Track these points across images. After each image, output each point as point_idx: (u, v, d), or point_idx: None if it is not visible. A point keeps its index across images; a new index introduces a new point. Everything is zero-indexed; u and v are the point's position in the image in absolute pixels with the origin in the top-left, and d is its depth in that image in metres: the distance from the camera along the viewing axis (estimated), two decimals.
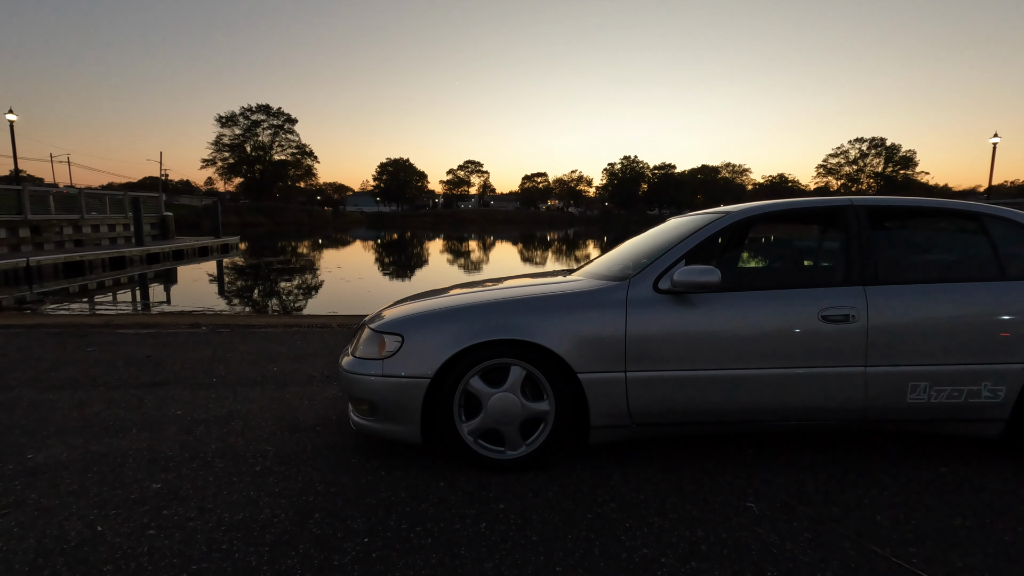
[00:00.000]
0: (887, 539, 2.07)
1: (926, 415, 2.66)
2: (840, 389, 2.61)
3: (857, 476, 2.61)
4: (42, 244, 17.98)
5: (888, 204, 2.90)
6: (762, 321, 2.60)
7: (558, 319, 2.60)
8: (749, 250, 3.30)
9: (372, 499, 2.36)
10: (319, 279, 17.02)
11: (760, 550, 2.00)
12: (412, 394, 2.57)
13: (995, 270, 2.73)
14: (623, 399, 2.60)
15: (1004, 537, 2.09)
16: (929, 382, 2.61)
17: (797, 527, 2.16)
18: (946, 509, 2.30)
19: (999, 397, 2.63)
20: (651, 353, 2.58)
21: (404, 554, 1.96)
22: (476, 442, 2.63)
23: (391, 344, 2.64)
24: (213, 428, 3.21)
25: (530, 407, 2.60)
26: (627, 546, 2.02)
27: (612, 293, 2.66)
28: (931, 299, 2.63)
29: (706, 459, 2.78)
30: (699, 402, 2.61)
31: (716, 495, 2.42)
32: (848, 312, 2.60)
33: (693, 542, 2.05)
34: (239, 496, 2.38)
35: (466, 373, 2.58)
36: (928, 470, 2.68)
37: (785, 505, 2.33)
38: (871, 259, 2.72)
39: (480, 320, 2.62)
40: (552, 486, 2.48)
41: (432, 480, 2.54)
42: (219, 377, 4.36)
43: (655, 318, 2.60)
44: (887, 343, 2.59)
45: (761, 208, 2.93)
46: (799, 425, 2.71)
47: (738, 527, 2.15)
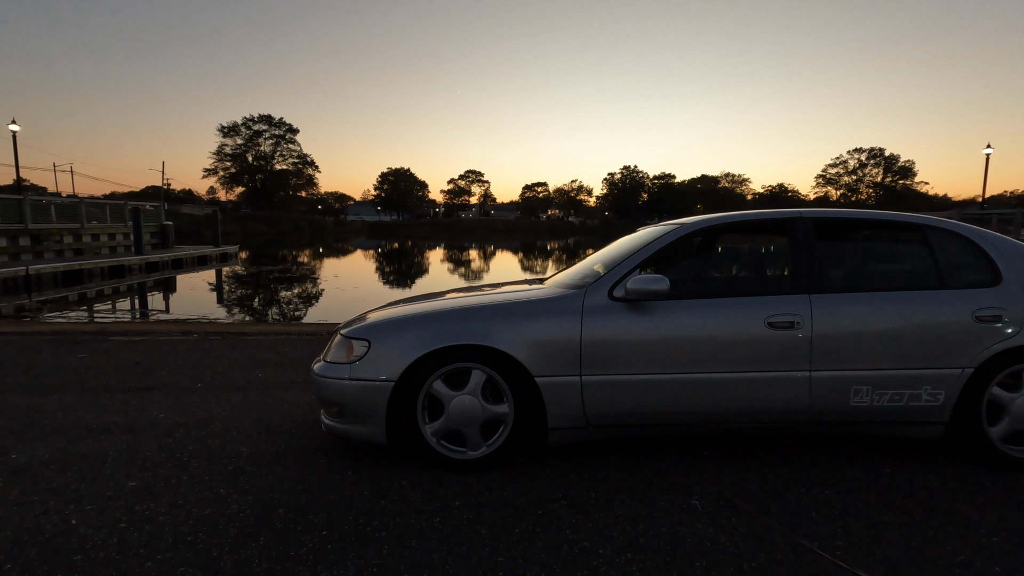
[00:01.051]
0: (817, 533, 2.19)
1: (869, 418, 2.78)
2: (786, 392, 2.73)
3: (803, 475, 2.73)
4: (42, 253, 18.18)
5: (836, 216, 3.03)
6: (711, 327, 2.73)
7: (517, 325, 2.73)
8: (702, 260, 3.44)
9: (335, 496, 2.48)
10: (315, 288, 17.18)
11: (695, 543, 2.12)
12: (377, 397, 2.70)
13: (935, 279, 2.86)
14: (579, 402, 2.72)
15: (928, 532, 2.21)
16: (871, 386, 2.73)
17: (735, 522, 2.27)
18: (880, 506, 2.42)
19: (939, 401, 2.75)
20: (605, 358, 2.71)
21: (358, 546, 2.08)
22: (439, 443, 2.75)
23: (359, 349, 2.77)
24: (192, 431, 3.33)
25: (490, 409, 2.72)
26: (569, 539, 2.14)
27: (569, 301, 2.80)
28: (873, 307, 2.76)
29: (661, 460, 2.90)
30: (652, 405, 2.74)
31: (664, 493, 2.53)
32: (793, 319, 2.72)
33: (633, 536, 2.16)
34: (209, 493, 2.50)
35: (429, 377, 2.71)
36: (872, 470, 2.79)
37: (728, 502, 2.45)
38: (817, 269, 2.85)
39: (443, 326, 2.75)
40: (509, 484, 2.60)
41: (395, 479, 2.66)
42: (204, 383, 4.49)
43: (609, 324, 2.73)
44: (830, 348, 2.72)
45: (714, 220, 3.07)
46: (748, 427, 2.83)
47: (678, 522, 2.27)
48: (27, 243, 17.64)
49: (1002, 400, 2.76)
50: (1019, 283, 2.80)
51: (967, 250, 2.92)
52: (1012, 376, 2.78)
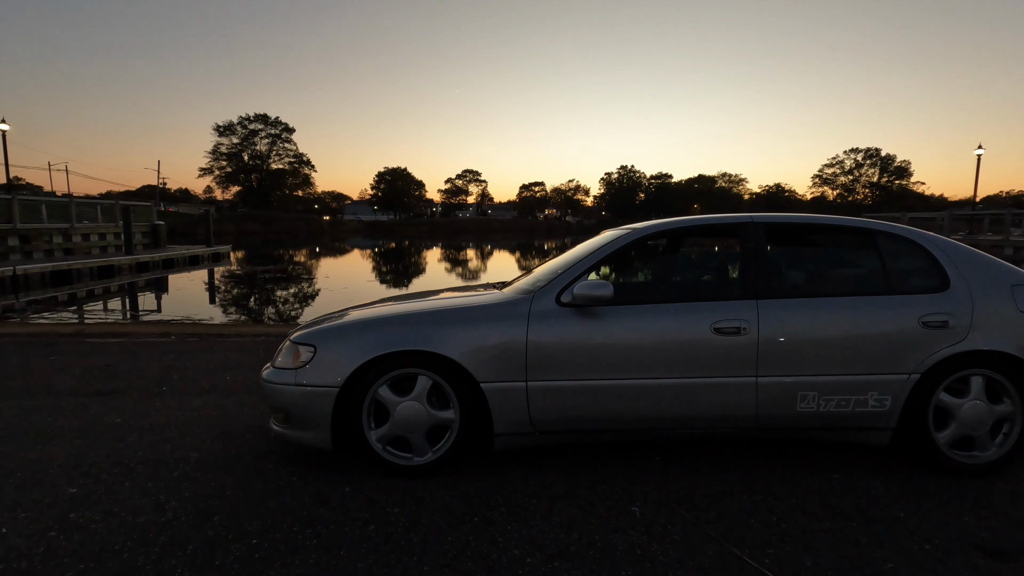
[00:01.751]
0: (751, 541, 2.18)
1: (816, 423, 2.78)
2: (733, 398, 2.73)
3: (750, 482, 2.72)
4: (31, 253, 18.11)
5: (786, 221, 3.03)
6: (658, 333, 2.73)
7: (463, 331, 2.72)
8: (652, 265, 3.44)
9: (275, 503, 2.47)
10: (304, 288, 17.15)
11: (625, 551, 2.11)
12: (322, 402, 2.68)
13: (883, 285, 2.86)
14: (524, 408, 2.71)
15: (862, 540, 2.20)
16: (818, 391, 2.73)
17: (670, 530, 2.27)
18: (821, 513, 2.41)
19: (885, 406, 2.74)
20: (551, 363, 2.70)
21: (285, 554, 2.07)
22: (385, 449, 2.74)
23: (305, 355, 2.76)
24: (146, 435, 3.32)
25: (436, 415, 2.71)
26: (500, 547, 2.13)
27: (515, 306, 2.79)
28: (820, 312, 2.75)
29: (610, 466, 2.90)
30: (598, 411, 2.73)
31: (606, 500, 2.53)
32: (739, 324, 2.72)
33: (565, 544, 2.16)
34: (148, 500, 2.49)
35: (375, 382, 2.70)
36: (820, 476, 2.79)
37: (669, 509, 2.44)
38: (765, 274, 2.84)
39: (389, 332, 2.74)
40: (452, 491, 2.59)
41: (339, 486, 2.65)
42: (170, 386, 4.47)
43: (555, 330, 2.72)
44: (777, 354, 2.71)
45: (665, 225, 3.06)
46: (696, 433, 2.83)
47: (614, 529, 2.26)
48: (16, 243, 17.57)
49: (949, 406, 2.75)
50: (967, 289, 2.79)
51: (916, 256, 2.91)
52: (960, 382, 2.78)
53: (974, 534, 2.24)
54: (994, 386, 2.78)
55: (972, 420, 2.74)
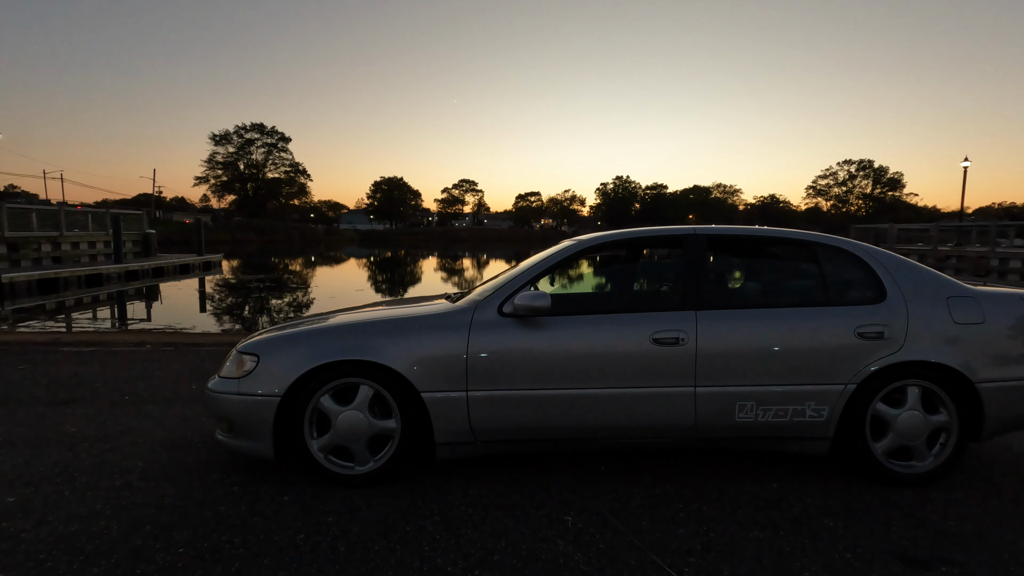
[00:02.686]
0: (676, 550, 2.20)
1: (754, 433, 2.81)
2: (672, 408, 2.75)
3: (688, 491, 2.74)
4: (19, 261, 18.08)
5: (728, 233, 3.07)
6: (598, 343, 2.76)
7: (404, 341, 2.75)
8: (596, 275, 3.47)
9: (210, 512, 2.48)
10: (292, 298, 17.14)
11: (549, 560, 2.13)
12: (264, 411, 2.70)
13: (821, 296, 2.90)
14: (465, 417, 2.73)
15: (786, 549, 2.22)
16: (755, 402, 2.76)
17: (598, 539, 2.28)
18: (752, 523, 2.43)
19: (823, 417, 2.77)
20: (492, 373, 2.72)
21: (209, 563, 2.08)
22: (327, 458, 2.76)
23: (248, 364, 2.78)
24: (97, 445, 3.32)
25: (377, 424, 2.73)
26: (425, 556, 2.14)
27: (457, 316, 2.82)
28: (758, 323, 2.79)
29: (553, 475, 2.91)
30: (539, 420, 2.75)
31: (542, 509, 2.54)
32: (678, 335, 2.75)
33: (489, 553, 2.17)
34: (84, 510, 2.49)
35: (317, 392, 2.72)
36: (759, 484, 2.81)
37: (601, 519, 2.46)
38: (706, 285, 2.88)
39: (331, 342, 2.76)
40: (389, 500, 2.61)
41: (279, 495, 2.66)
42: (133, 395, 4.47)
43: (497, 340, 2.75)
44: (715, 365, 2.74)
45: (610, 236, 3.10)
46: (636, 443, 2.85)
47: (543, 539, 2.28)
48: (3, 251, 17.54)
49: (886, 416, 2.79)
50: (903, 301, 2.84)
51: (855, 268, 2.96)
52: (897, 392, 2.81)
53: (898, 543, 2.27)
54: (931, 396, 2.81)
55: (909, 430, 2.77)
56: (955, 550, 2.21)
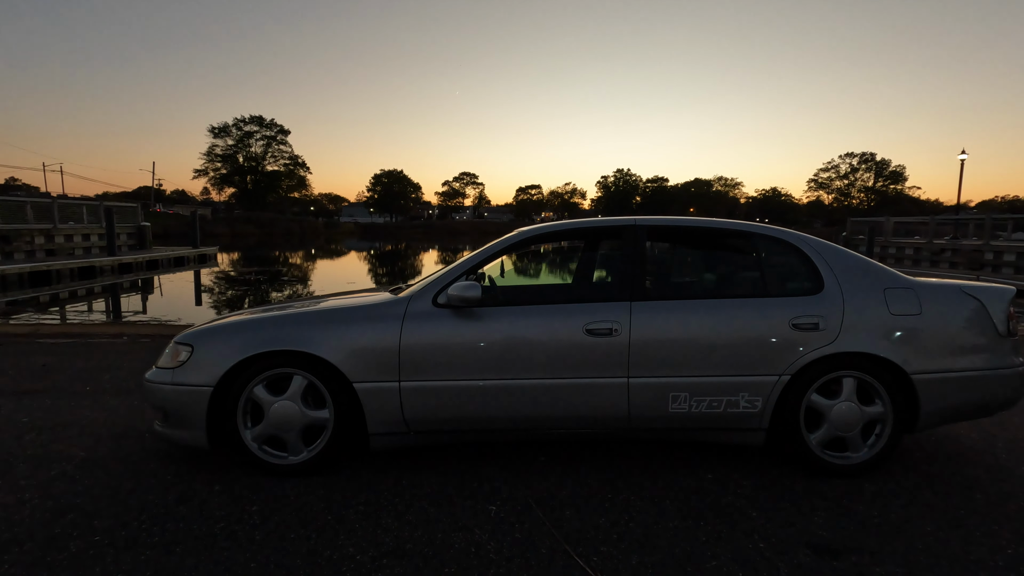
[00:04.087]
0: (591, 540, 2.21)
1: (688, 424, 2.81)
2: (605, 399, 2.75)
3: (623, 481, 2.75)
4: (12, 254, 18.12)
5: (668, 224, 3.06)
6: (532, 333, 2.75)
7: (337, 332, 2.75)
8: (535, 266, 3.47)
9: (136, 501, 2.49)
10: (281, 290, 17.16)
11: (460, 549, 2.13)
12: (197, 401, 2.71)
13: (759, 287, 2.89)
14: (398, 408, 2.74)
15: (701, 538, 2.23)
16: (689, 392, 2.75)
17: (516, 528, 2.29)
18: (676, 513, 2.44)
19: (757, 407, 2.77)
20: (424, 364, 2.73)
21: (121, 551, 2.09)
22: (260, 448, 2.77)
23: (182, 355, 2.79)
24: (45, 434, 3.34)
25: (310, 415, 2.74)
26: (338, 545, 2.15)
27: (391, 307, 2.82)
28: (693, 314, 2.78)
29: (490, 465, 2.92)
30: (472, 411, 2.75)
31: (469, 499, 2.55)
32: (611, 326, 2.75)
33: (404, 542, 2.18)
34: (12, 498, 2.51)
35: (250, 382, 2.72)
36: (693, 476, 2.82)
37: (526, 508, 2.47)
38: (641, 276, 2.87)
39: (264, 332, 2.76)
40: (320, 490, 2.62)
41: (211, 484, 2.67)
42: (96, 386, 4.49)
43: (429, 331, 2.75)
44: (648, 356, 2.74)
45: (551, 227, 3.09)
46: (572, 433, 2.86)
47: (461, 528, 2.29)
48: None
49: (821, 407, 2.78)
50: (840, 292, 2.82)
51: (793, 259, 2.94)
52: (832, 383, 2.81)
53: (816, 533, 2.27)
54: (866, 388, 2.81)
55: (843, 421, 2.77)
56: (870, 541, 2.21)
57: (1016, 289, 3.03)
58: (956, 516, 2.43)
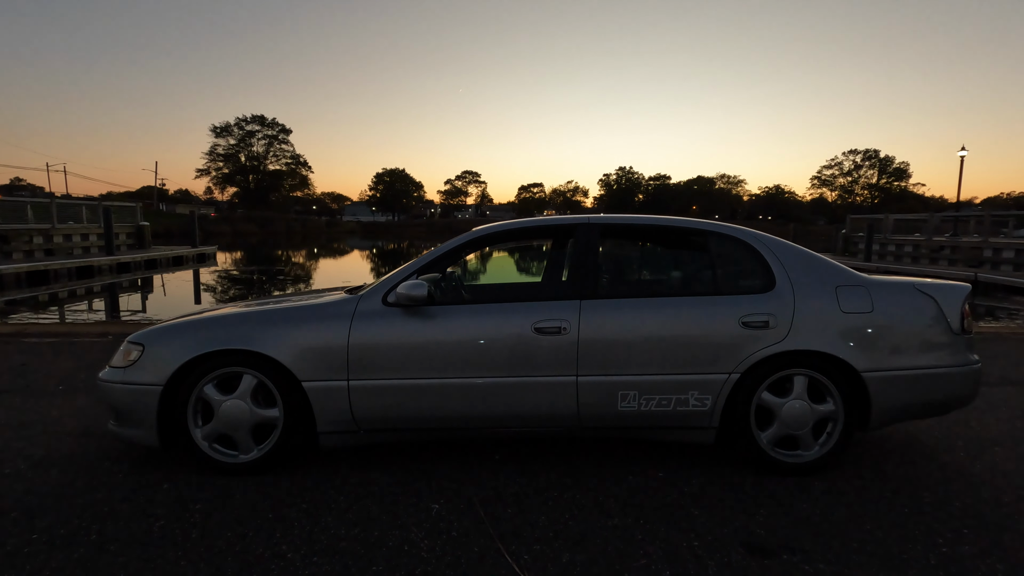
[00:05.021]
0: (526, 538, 2.21)
1: (638, 422, 2.80)
2: (554, 397, 2.75)
3: (570, 479, 2.75)
4: (10, 253, 18.23)
5: (621, 223, 3.05)
6: (481, 332, 2.75)
7: (286, 331, 2.76)
8: (486, 265, 3.46)
9: (83, 500, 2.51)
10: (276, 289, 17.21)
11: (393, 547, 2.14)
12: (147, 400, 2.72)
13: (710, 285, 2.88)
14: (347, 406, 2.74)
15: (636, 537, 2.23)
16: (638, 391, 2.75)
17: (454, 527, 2.29)
18: (617, 511, 2.44)
19: (706, 406, 2.76)
20: (374, 363, 2.73)
21: (55, 550, 2.10)
22: (211, 446, 2.78)
23: (134, 354, 2.80)
24: (7, 433, 3.36)
25: (260, 413, 2.75)
26: (272, 543, 2.16)
27: (341, 307, 2.82)
28: (642, 312, 2.78)
29: (443, 463, 2.92)
30: (422, 409, 2.76)
31: (414, 497, 2.55)
32: (560, 324, 2.74)
33: (339, 540, 2.19)
34: None
35: (200, 381, 2.73)
36: (644, 474, 2.81)
37: (469, 507, 2.47)
38: (592, 275, 2.87)
39: (214, 331, 2.77)
40: (268, 488, 2.63)
41: (160, 483, 2.68)
42: (69, 385, 4.51)
43: (378, 330, 2.75)
44: (596, 354, 2.74)
45: (503, 226, 3.09)
46: (523, 431, 2.86)
47: (399, 526, 2.29)
48: None
49: (771, 405, 2.77)
50: (791, 290, 2.81)
51: (746, 257, 2.93)
52: (784, 381, 2.80)
53: (754, 532, 2.26)
54: (818, 386, 2.80)
55: (794, 419, 2.76)
56: (807, 540, 2.21)
57: (971, 287, 3.01)
58: (899, 515, 2.42)
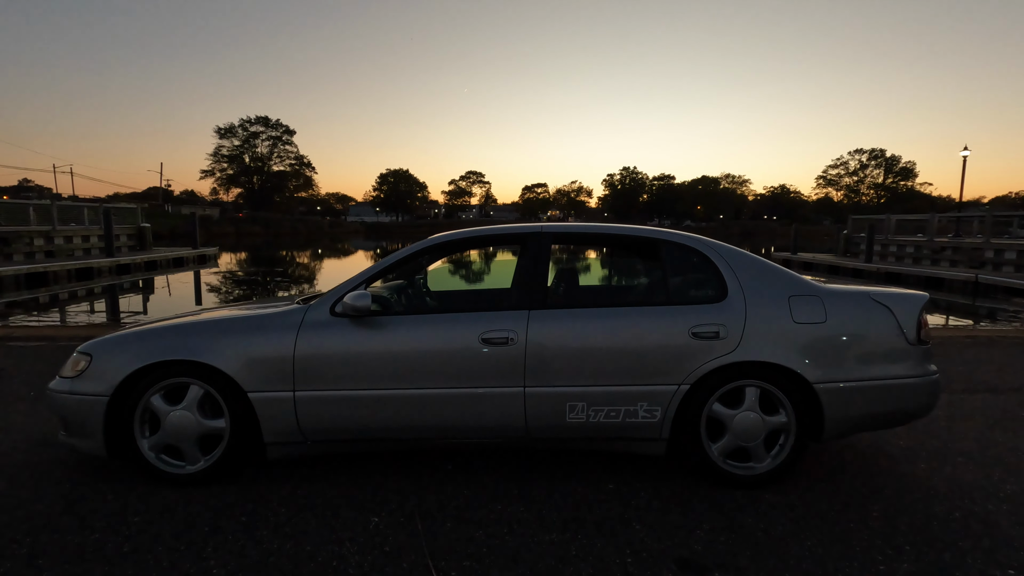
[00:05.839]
0: (457, 553, 2.18)
1: (586, 434, 2.77)
2: (502, 408, 2.73)
3: (516, 491, 2.72)
4: (11, 255, 18.37)
5: (574, 231, 3.02)
6: (428, 343, 2.73)
7: (233, 341, 2.74)
8: (436, 275, 3.43)
9: (23, 511, 2.50)
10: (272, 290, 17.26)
11: (322, 563, 2.12)
12: (94, 411, 2.72)
13: (662, 295, 2.85)
14: (293, 417, 2.73)
15: (571, 552, 2.20)
16: (587, 402, 2.72)
17: (388, 541, 2.27)
18: (557, 525, 2.41)
19: (656, 417, 2.73)
20: (320, 373, 2.71)
21: None
22: (158, 457, 2.77)
23: (81, 364, 2.80)
24: None
25: (207, 424, 2.74)
26: (202, 558, 2.14)
27: (288, 317, 2.81)
28: (591, 323, 2.75)
29: (393, 475, 2.90)
30: (368, 421, 2.74)
31: (355, 510, 2.53)
32: (507, 335, 2.72)
33: (268, 555, 2.17)
34: None
35: (146, 392, 2.73)
36: (594, 486, 2.78)
37: (409, 521, 2.44)
38: (542, 285, 2.84)
39: (160, 342, 2.77)
40: (211, 500, 2.61)
41: (105, 494, 2.67)
42: (41, 391, 4.52)
43: (325, 340, 2.74)
44: (544, 365, 2.71)
45: (455, 236, 3.06)
46: (471, 442, 2.83)
47: (333, 541, 2.27)
48: None
49: (723, 416, 2.74)
50: (743, 300, 2.78)
51: (699, 266, 2.90)
52: (734, 392, 2.76)
53: (691, 547, 2.23)
54: (770, 397, 2.76)
55: (745, 431, 2.72)
56: (743, 556, 2.17)
57: (929, 296, 2.96)
58: (845, 530, 2.38)
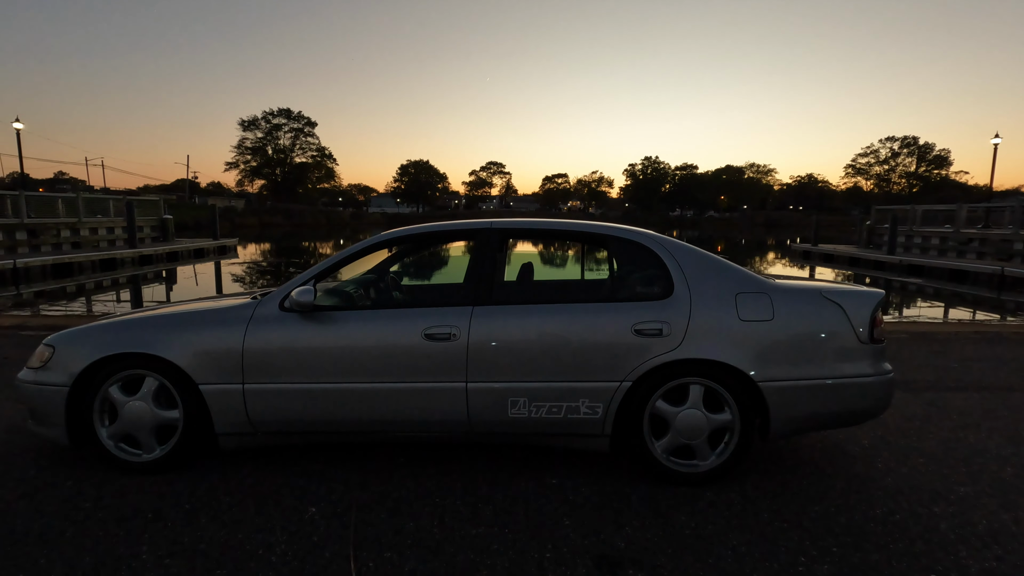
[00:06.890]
0: (381, 545, 2.23)
1: (528, 429, 2.79)
2: (445, 403, 2.76)
3: (460, 485, 2.76)
4: (39, 247, 19.03)
5: (523, 227, 3.02)
6: (371, 338, 2.78)
7: (186, 335, 2.83)
8: (385, 270, 3.45)
9: None
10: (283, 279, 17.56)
11: (248, 551, 2.18)
12: (56, 400, 2.84)
13: (608, 292, 2.84)
14: (242, 409, 2.81)
15: (493, 546, 2.22)
16: (528, 398, 2.74)
17: (317, 531, 2.33)
18: (491, 519, 2.43)
19: (598, 414, 2.74)
20: (267, 367, 2.78)
21: None
22: (116, 445, 2.88)
23: (46, 355, 2.92)
24: None
25: (161, 414, 2.83)
26: (136, 543, 2.23)
27: (240, 311, 2.88)
28: (532, 319, 2.76)
29: (343, 466, 2.96)
30: (314, 413, 2.80)
31: (297, 499, 2.60)
32: (450, 331, 2.75)
33: (199, 542, 2.24)
34: None
35: (104, 383, 2.83)
36: (538, 480, 2.81)
37: (344, 511, 2.50)
38: (489, 280, 2.86)
39: (118, 335, 2.86)
40: (164, 487, 2.71)
41: (66, 480, 2.79)
42: None
43: (273, 334, 2.80)
44: (486, 360, 2.73)
45: (406, 232, 3.10)
46: (413, 436, 2.88)
47: (264, 529, 2.34)
48: (23, 237, 18.50)
49: (666, 414, 2.73)
50: (688, 297, 2.75)
51: (647, 263, 2.88)
52: (678, 390, 2.75)
53: (614, 544, 2.24)
54: (715, 395, 2.74)
55: (689, 429, 2.71)
56: (664, 554, 2.18)
57: (884, 293, 2.89)
58: (776, 530, 2.36)
